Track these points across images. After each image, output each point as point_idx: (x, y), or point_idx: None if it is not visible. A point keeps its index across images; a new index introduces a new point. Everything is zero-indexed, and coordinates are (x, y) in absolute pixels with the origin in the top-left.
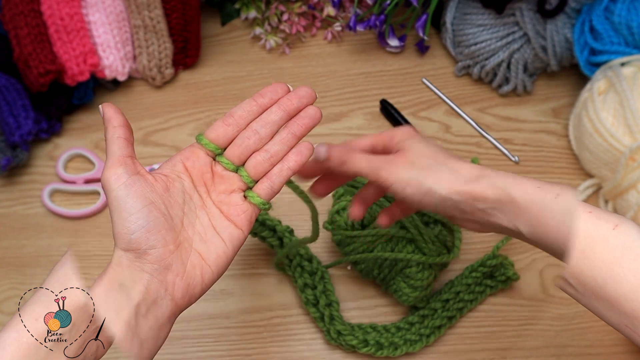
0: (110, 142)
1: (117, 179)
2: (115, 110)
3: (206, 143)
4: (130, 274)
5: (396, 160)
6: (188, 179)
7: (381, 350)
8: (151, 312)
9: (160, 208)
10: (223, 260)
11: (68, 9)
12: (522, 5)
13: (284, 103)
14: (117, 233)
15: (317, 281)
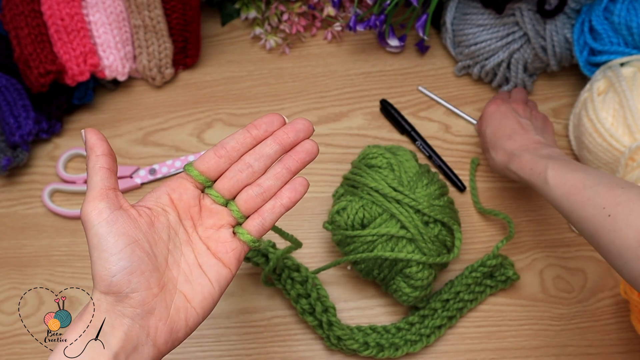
0: (92, 172)
1: (98, 214)
2: (98, 137)
3: (196, 175)
4: (110, 319)
5: (494, 145)
6: (174, 212)
7: (382, 352)
8: (131, 359)
9: (144, 247)
10: (209, 302)
11: (68, 9)
12: (522, 5)
13: (280, 136)
14: (96, 274)
15: (310, 289)
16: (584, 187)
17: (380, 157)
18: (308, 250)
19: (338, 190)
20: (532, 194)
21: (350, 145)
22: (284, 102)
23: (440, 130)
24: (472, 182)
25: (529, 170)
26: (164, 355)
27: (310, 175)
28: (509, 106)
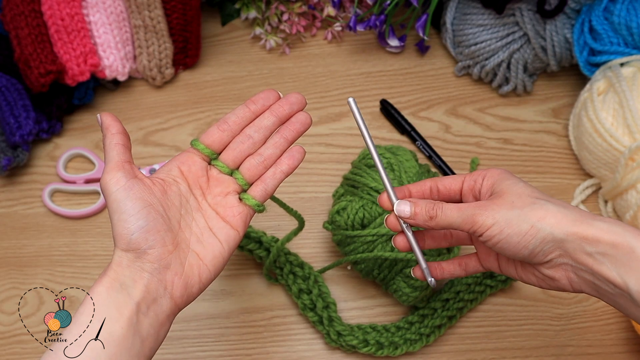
0: (109, 148)
1: (116, 182)
2: (113, 118)
3: (202, 148)
4: (131, 273)
5: (492, 203)
6: (184, 182)
7: (381, 350)
8: (151, 309)
9: (158, 210)
10: (219, 260)
11: (68, 10)
12: (522, 5)
13: (276, 109)
14: (117, 234)
15: (312, 285)
16: None
17: (381, 157)
18: (308, 250)
19: (338, 190)
20: None
21: (350, 145)
22: None
23: (440, 130)
24: None
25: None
26: (180, 308)
27: (310, 175)
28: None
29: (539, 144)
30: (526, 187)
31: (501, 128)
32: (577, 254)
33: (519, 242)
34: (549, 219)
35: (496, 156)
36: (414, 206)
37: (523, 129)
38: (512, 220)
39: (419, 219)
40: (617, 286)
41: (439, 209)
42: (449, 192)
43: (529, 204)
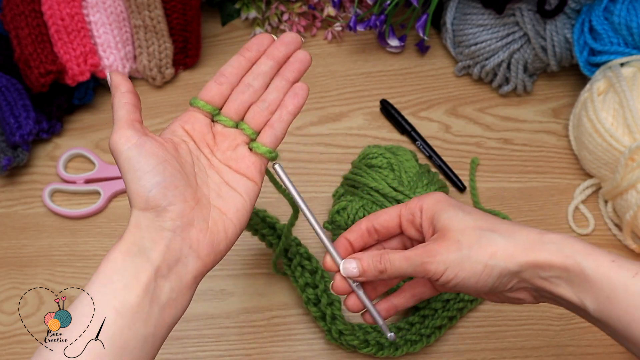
0: (118, 107)
1: (126, 141)
2: (123, 77)
3: (202, 105)
4: (150, 234)
5: (439, 247)
6: (191, 141)
7: (382, 351)
8: (174, 272)
9: (174, 165)
10: (242, 213)
11: (69, 9)
12: (522, 5)
13: (272, 52)
14: (133, 193)
15: (318, 280)
16: None
17: (381, 157)
18: (309, 249)
19: (338, 190)
20: (532, 194)
21: (350, 145)
22: None
23: (440, 130)
24: (472, 182)
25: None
26: (208, 268)
27: (310, 175)
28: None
29: (539, 144)
30: (466, 216)
31: (501, 128)
32: (534, 280)
33: (476, 282)
34: (499, 254)
35: (496, 156)
36: (361, 262)
37: (523, 129)
38: (464, 262)
39: (369, 275)
40: (575, 304)
41: (386, 261)
42: (387, 230)
43: (475, 240)
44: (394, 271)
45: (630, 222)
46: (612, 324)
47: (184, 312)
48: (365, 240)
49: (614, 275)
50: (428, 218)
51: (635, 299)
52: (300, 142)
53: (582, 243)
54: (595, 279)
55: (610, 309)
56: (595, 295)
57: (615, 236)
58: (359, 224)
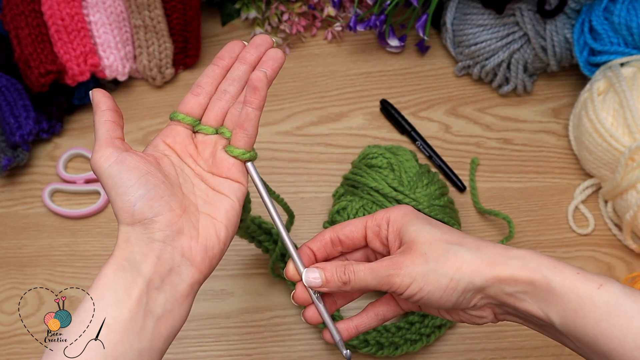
0: (98, 126)
1: (107, 159)
2: (103, 94)
3: (182, 117)
4: (140, 247)
5: (405, 259)
6: (174, 154)
7: (382, 350)
8: (167, 282)
9: (157, 176)
10: (232, 214)
11: (68, 9)
12: (522, 5)
13: (244, 57)
14: (118, 209)
15: None
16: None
17: (381, 157)
18: None
19: (338, 190)
20: (532, 194)
21: (350, 145)
22: (284, 102)
23: (440, 130)
24: (472, 182)
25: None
26: (204, 275)
27: (310, 175)
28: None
29: (539, 144)
30: (433, 230)
31: (501, 128)
32: (499, 295)
33: (441, 296)
34: (465, 268)
35: (496, 156)
36: (324, 272)
37: (523, 129)
38: (430, 275)
39: (332, 286)
40: (541, 319)
41: (350, 272)
42: (352, 241)
43: (442, 253)
44: (358, 283)
45: (630, 222)
46: (579, 338)
47: (183, 323)
48: (328, 251)
49: (580, 287)
50: (395, 231)
51: (601, 311)
52: (300, 142)
53: (547, 257)
54: (562, 292)
55: (576, 322)
56: (561, 309)
57: (615, 236)
58: (323, 234)
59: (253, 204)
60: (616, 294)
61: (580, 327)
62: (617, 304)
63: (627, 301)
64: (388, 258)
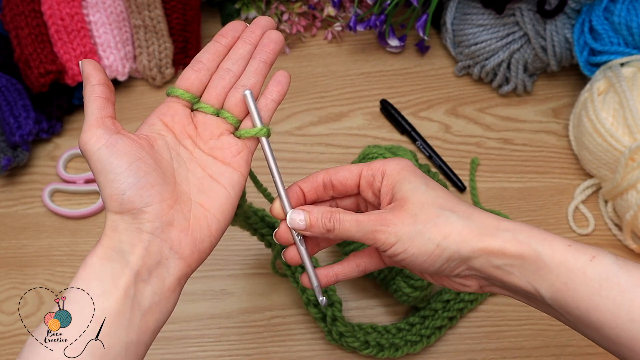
0: (89, 102)
1: (96, 141)
2: (95, 67)
3: (181, 93)
4: (128, 237)
5: (394, 217)
6: (170, 134)
7: (382, 352)
8: (155, 275)
9: (149, 163)
10: (227, 207)
11: (68, 9)
12: (522, 5)
13: (248, 36)
14: (107, 196)
15: None
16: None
17: (380, 157)
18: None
19: None
20: (532, 194)
21: (350, 145)
22: (284, 102)
23: (440, 130)
24: (472, 182)
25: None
26: (192, 269)
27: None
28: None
29: (539, 144)
30: (428, 191)
31: (501, 128)
32: (485, 268)
33: (424, 260)
34: (454, 236)
35: (496, 156)
36: (309, 215)
37: (523, 129)
38: (416, 238)
39: (316, 231)
40: (529, 292)
41: (336, 221)
42: (344, 187)
43: (432, 217)
44: (342, 232)
45: (630, 222)
46: (570, 312)
47: (168, 316)
48: (319, 194)
49: (571, 259)
50: (389, 184)
51: (593, 285)
52: (300, 142)
53: (538, 230)
54: (552, 265)
55: (567, 296)
56: (551, 283)
57: (615, 236)
58: (316, 175)
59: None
60: (608, 266)
61: (571, 300)
62: (610, 276)
63: (620, 272)
64: (376, 213)
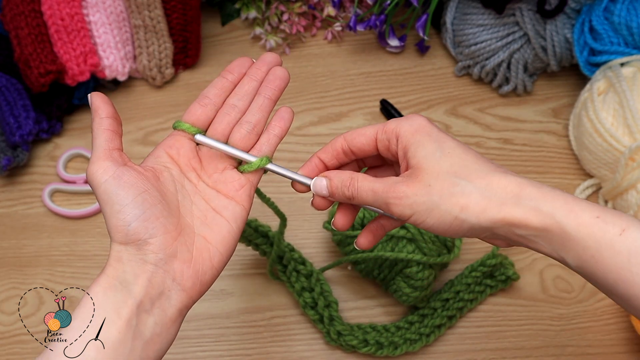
0: (97, 135)
1: (104, 172)
2: (103, 100)
3: (187, 127)
4: (132, 268)
5: (407, 188)
6: (175, 167)
7: (381, 350)
8: (157, 306)
9: (154, 195)
10: (229, 240)
11: (68, 9)
12: (522, 5)
13: (254, 73)
14: (112, 227)
15: (314, 283)
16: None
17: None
18: (308, 250)
19: None
20: None
21: None
22: (284, 102)
23: None
24: None
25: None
26: (194, 300)
27: None
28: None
29: (539, 144)
30: (443, 158)
31: (501, 128)
32: (509, 235)
33: (446, 230)
34: (472, 207)
35: (496, 156)
36: (330, 182)
37: (523, 129)
38: (433, 210)
39: (338, 197)
40: (554, 258)
41: (354, 189)
42: (364, 152)
43: (447, 187)
44: (361, 201)
45: None
46: (596, 281)
47: (169, 347)
48: (340, 160)
49: (599, 232)
50: (403, 148)
51: (622, 258)
52: (300, 142)
53: (564, 198)
54: (578, 237)
55: (595, 267)
56: (577, 254)
57: None
58: (334, 143)
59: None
60: (639, 240)
61: (599, 272)
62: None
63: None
64: (391, 182)
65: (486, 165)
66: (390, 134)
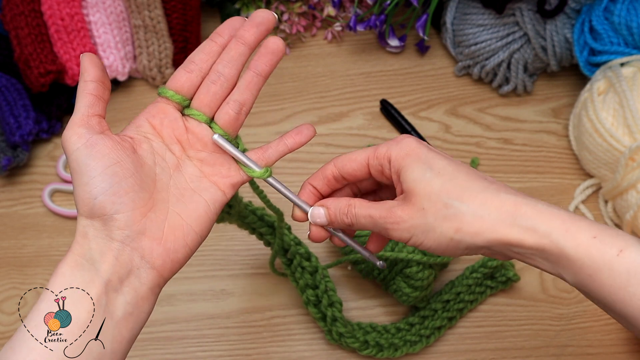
0: (78, 98)
1: (77, 140)
2: (92, 62)
3: (171, 94)
4: (98, 245)
5: (402, 212)
6: (157, 138)
7: (381, 352)
8: (127, 285)
9: (127, 167)
10: (205, 219)
11: (68, 9)
12: (522, 5)
13: (242, 35)
14: (78, 199)
15: (318, 281)
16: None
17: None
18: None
19: None
20: (532, 194)
21: (350, 145)
22: (284, 102)
23: (440, 130)
24: None
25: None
26: (166, 279)
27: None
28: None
29: (539, 144)
30: (433, 180)
31: (501, 128)
32: (507, 252)
33: (444, 251)
34: (466, 229)
35: (496, 156)
36: (328, 211)
37: (523, 129)
38: (429, 232)
39: (337, 225)
40: (553, 274)
41: (352, 216)
42: (356, 177)
43: (440, 209)
44: (360, 227)
45: (630, 222)
46: (595, 299)
47: (143, 325)
48: (332, 187)
49: (596, 253)
50: (396, 172)
51: (621, 279)
52: None
53: (560, 217)
54: (576, 257)
55: (592, 286)
56: (575, 273)
57: None
58: (324, 170)
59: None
60: (638, 261)
61: (598, 291)
62: (639, 271)
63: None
64: (388, 207)
65: (479, 183)
66: (382, 159)
